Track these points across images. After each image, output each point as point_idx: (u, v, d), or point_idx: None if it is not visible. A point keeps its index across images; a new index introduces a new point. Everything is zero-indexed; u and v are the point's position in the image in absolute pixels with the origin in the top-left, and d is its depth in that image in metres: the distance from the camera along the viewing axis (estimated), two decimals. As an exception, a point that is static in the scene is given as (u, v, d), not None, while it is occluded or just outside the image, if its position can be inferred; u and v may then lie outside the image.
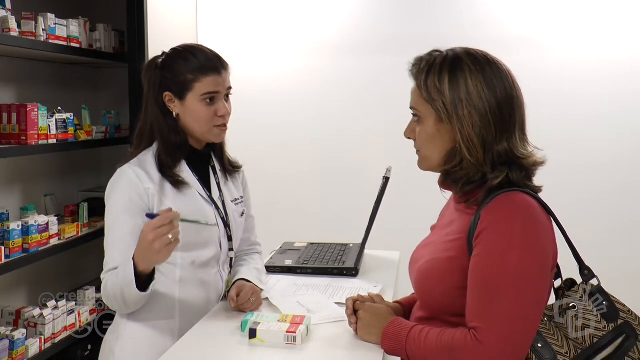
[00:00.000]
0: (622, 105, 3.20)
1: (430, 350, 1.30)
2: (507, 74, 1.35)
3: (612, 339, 1.26)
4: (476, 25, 3.21)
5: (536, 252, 1.25)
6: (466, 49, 1.37)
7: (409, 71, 1.42)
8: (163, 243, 1.41)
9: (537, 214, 1.28)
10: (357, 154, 3.43)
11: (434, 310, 1.39)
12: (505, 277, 1.23)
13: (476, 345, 1.23)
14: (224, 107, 1.73)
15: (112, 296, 1.59)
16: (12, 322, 2.58)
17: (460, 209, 1.39)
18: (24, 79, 2.88)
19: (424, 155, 1.41)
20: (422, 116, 1.37)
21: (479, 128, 1.30)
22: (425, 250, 1.45)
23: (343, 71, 3.43)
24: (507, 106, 1.32)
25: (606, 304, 1.28)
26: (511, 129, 1.32)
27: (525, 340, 1.24)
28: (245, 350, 1.47)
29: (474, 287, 1.27)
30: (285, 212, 3.42)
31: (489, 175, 1.31)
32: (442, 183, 1.41)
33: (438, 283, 1.36)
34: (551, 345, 1.25)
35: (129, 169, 1.69)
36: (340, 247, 2.30)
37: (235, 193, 1.87)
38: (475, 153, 1.30)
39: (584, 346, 1.26)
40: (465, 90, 1.30)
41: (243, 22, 3.50)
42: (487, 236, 1.26)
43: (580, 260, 1.35)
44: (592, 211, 3.21)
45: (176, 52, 1.74)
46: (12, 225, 2.39)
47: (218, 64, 1.72)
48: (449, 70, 1.33)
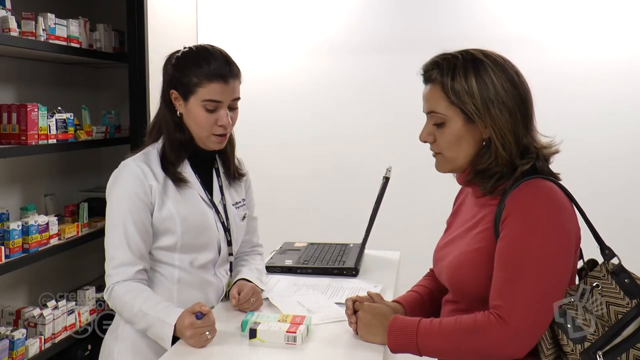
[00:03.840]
0: (622, 105, 3.20)
1: (448, 337, 1.32)
2: (519, 70, 1.42)
3: (636, 315, 1.28)
4: (476, 25, 3.21)
5: (559, 235, 1.30)
6: (480, 50, 1.41)
7: (421, 76, 1.44)
8: (200, 340, 1.47)
9: (559, 199, 1.34)
10: (357, 154, 3.43)
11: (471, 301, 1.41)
12: (529, 258, 1.28)
13: (500, 323, 1.27)
14: (226, 118, 1.68)
15: (122, 308, 1.61)
16: (12, 322, 2.58)
17: (482, 202, 1.43)
18: (24, 79, 2.88)
19: (448, 157, 1.44)
20: (448, 119, 1.40)
21: (510, 124, 1.36)
22: (452, 247, 1.48)
23: (343, 71, 3.43)
24: (527, 101, 1.40)
25: (628, 281, 1.30)
26: (532, 122, 1.41)
27: (545, 320, 1.28)
28: (245, 350, 1.47)
29: (499, 268, 1.32)
30: (285, 212, 3.42)
31: (519, 163, 1.37)
32: (469, 181, 1.44)
33: (471, 275, 1.39)
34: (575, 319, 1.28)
35: (134, 163, 1.68)
36: (340, 247, 2.30)
37: (237, 196, 1.86)
38: (509, 147, 1.36)
39: (610, 323, 1.28)
40: (493, 89, 1.36)
41: (243, 22, 3.50)
42: (512, 220, 1.32)
43: (600, 240, 1.39)
44: (592, 211, 3.18)
45: (191, 52, 1.71)
46: (12, 225, 2.39)
47: (226, 72, 1.67)
48: (474, 71, 1.37)
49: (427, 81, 1.43)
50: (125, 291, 1.60)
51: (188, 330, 1.47)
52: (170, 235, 1.68)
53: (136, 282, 1.63)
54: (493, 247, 1.35)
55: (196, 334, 1.46)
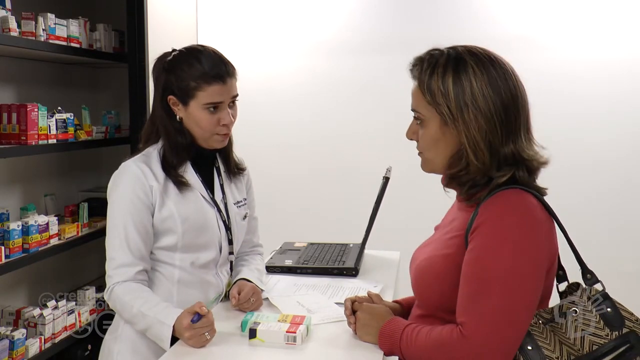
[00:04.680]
0: (622, 105, 3.20)
1: (420, 348, 1.29)
2: (510, 72, 1.32)
3: (614, 348, 1.20)
4: (476, 25, 3.21)
5: (530, 251, 1.23)
6: (468, 48, 1.34)
7: (409, 71, 1.39)
8: (199, 341, 1.47)
9: (535, 213, 1.26)
10: (357, 154, 3.44)
11: (432, 308, 1.38)
12: (496, 273, 1.21)
13: (461, 340, 1.22)
14: (228, 116, 1.69)
15: (122, 308, 1.61)
16: (12, 322, 2.58)
17: (462, 207, 1.38)
18: (24, 79, 2.88)
19: (427, 158, 1.39)
20: (425, 119, 1.34)
21: (484, 132, 1.27)
22: (426, 249, 1.44)
23: (343, 71, 3.43)
24: (512, 107, 1.29)
25: (610, 310, 1.22)
26: (517, 130, 1.30)
27: (512, 338, 1.21)
28: (245, 350, 1.47)
29: (465, 282, 1.26)
30: (285, 212, 3.42)
31: (495, 175, 1.29)
32: (447, 184, 1.39)
33: (435, 281, 1.35)
34: (542, 348, 1.22)
35: (134, 164, 1.68)
36: (340, 247, 2.30)
37: (238, 195, 1.86)
38: (481, 157, 1.28)
39: (580, 352, 1.21)
40: (470, 93, 1.27)
41: (243, 22, 3.50)
42: (481, 231, 1.25)
43: (582, 263, 1.31)
44: (592, 211, 3.21)
45: (182, 55, 1.69)
46: (12, 225, 2.39)
47: (223, 72, 1.66)
48: (453, 72, 1.29)
49: (412, 77, 1.38)
50: (125, 292, 1.60)
51: (187, 331, 1.47)
52: (171, 235, 1.68)
53: (136, 283, 1.63)
54: (461, 255, 1.29)
55: (195, 335, 1.46)
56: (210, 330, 1.48)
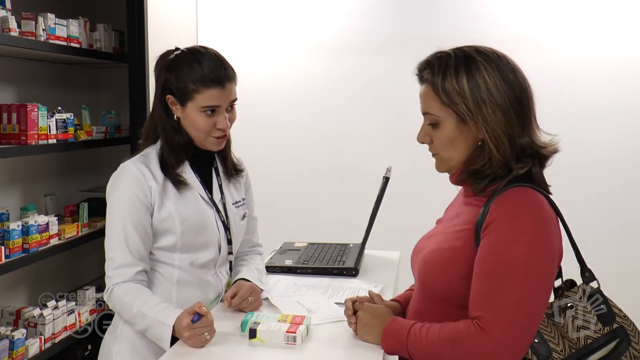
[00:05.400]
0: (622, 105, 3.20)
1: (432, 345, 1.30)
2: (516, 66, 1.37)
3: (606, 342, 1.27)
4: (476, 25, 3.21)
5: (545, 246, 1.26)
6: (474, 47, 1.37)
7: (416, 75, 1.41)
8: (199, 341, 1.47)
9: (546, 210, 1.30)
10: (357, 154, 3.43)
11: (435, 300, 1.39)
12: (513, 268, 1.24)
13: (480, 334, 1.24)
14: (224, 121, 1.68)
15: (122, 309, 1.61)
16: (12, 322, 2.58)
17: (469, 202, 1.40)
18: (24, 79, 2.88)
19: (444, 158, 1.40)
20: (441, 120, 1.36)
21: (504, 125, 1.31)
22: (430, 241, 1.46)
23: (343, 71, 3.43)
24: (524, 99, 1.34)
25: (604, 306, 1.29)
26: (530, 121, 1.35)
27: (528, 332, 1.25)
28: (245, 350, 1.47)
29: (481, 277, 1.28)
30: (285, 212, 3.42)
31: (514, 167, 1.32)
32: (461, 180, 1.40)
33: (442, 273, 1.36)
34: (548, 342, 1.26)
35: (133, 165, 1.68)
36: (340, 247, 2.30)
37: (236, 195, 1.86)
38: (503, 149, 1.32)
39: (577, 346, 1.27)
40: (485, 89, 1.31)
41: (243, 22, 3.50)
42: (496, 227, 1.28)
43: (582, 261, 1.36)
44: (592, 211, 3.21)
45: (183, 56, 1.69)
46: (12, 225, 2.39)
47: (222, 77, 1.65)
48: (465, 70, 1.32)
49: (421, 81, 1.40)
50: (125, 292, 1.60)
51: (186, 331, 1.47)
52: (170, 236, 1.68)
53: (135, 284, 1.63)
54: (470, 249, 1.31)
55: (194, 335, 1.46)
56: (210, 330, 1.48)
